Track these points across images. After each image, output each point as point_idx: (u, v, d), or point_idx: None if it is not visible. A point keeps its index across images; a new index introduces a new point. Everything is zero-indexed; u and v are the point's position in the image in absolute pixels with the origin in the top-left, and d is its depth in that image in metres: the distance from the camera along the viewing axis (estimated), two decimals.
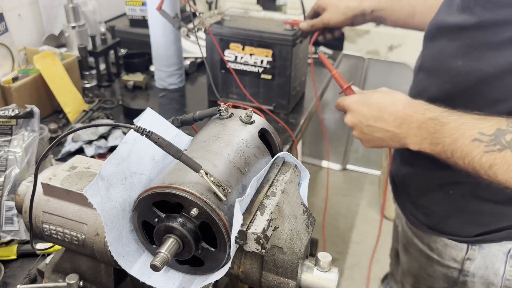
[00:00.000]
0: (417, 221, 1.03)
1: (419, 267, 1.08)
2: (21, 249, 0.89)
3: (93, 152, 1.19)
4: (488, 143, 0.70)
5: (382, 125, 0.84)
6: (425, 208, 1.00)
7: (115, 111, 1.42)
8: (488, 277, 0.96)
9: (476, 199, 0.91)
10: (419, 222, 1.02)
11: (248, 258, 0.61)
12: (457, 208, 0.94)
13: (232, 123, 0.68)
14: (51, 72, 1.32)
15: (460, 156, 0.74)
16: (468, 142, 0.72)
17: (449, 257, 0.99)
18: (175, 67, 1.52)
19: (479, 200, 0.90)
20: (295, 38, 1.28)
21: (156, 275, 0.62)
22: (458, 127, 0.74)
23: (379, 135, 0.85)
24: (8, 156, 0.93)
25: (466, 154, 0.73)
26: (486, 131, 0.71)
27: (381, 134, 0.85)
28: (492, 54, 0.79)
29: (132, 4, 1.79)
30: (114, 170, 0.58)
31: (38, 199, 0.66)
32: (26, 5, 1.57)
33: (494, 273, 0.95)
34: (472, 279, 0.98)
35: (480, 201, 0.90)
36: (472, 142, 0.72)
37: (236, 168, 0.61)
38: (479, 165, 0.72)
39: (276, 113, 1.38)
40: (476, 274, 0.97)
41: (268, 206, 0.58)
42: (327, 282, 0.60)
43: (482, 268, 0.95)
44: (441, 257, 1.01)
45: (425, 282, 1.08)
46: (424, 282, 1.08)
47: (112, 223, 0.58)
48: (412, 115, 0.80)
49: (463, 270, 0.98)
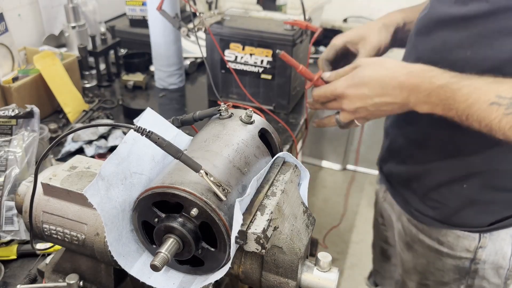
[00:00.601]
0: (425, 217, 1.02)
1: (426, 263, 1.07)
2: (21, 249, 0.89)
3: (93, 152, 1.19)
4: (508, 106, 0.71)
5: (388, 99, 0.82)
6: (435, 203, 0.99)
7: (115, 111, 1.42)
8: (497, 262, 0.98)
9: (490, 189, 0.92)
10: (427, 217, 1.01)
11: (248, 258, 0.61)
12: (470, 200, 0.94)
13: (232, 123, 0.68)
14: (51, 72, 1.32)
15: (476, 120, 0.74)
16: (486, 106, 0.72)
17: (462, 248, 0.99)
18: (175, 67, 1.52)
19: (493, 190, 0.91)
20: (295, 38, 1.28)
21: (156, 275, 0.62)
22: (472, 92, 0.74)
23: (387, 108, 0.84)
24: (8, 156, 0.93)
25: (484, 118, 0.73)
26: (505, 94, 0.71)
27: (389, 107, 0.83)
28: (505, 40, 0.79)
29: (132, 4, 1.79)
30: (114, 170, 0.58)
31: (38, 199, 0.66)
32: (26, 5, 1.57)
33: (503, 257, 0.97)
34: (483, 266, 0.99)
35: (493, 191, 0.92)
36: (490, 106, 0.72)
37: (236, 168, 0.61)
38: (498, 127, 0.72)
39: (276, 113, 1.38)
40: (487, 261, 0.98)
41: (268, 206, 0.58)
42: (327, 282, 0.60)
43: (492, 254, 0.97)
44: (452, 249, 1.00)
45: (433, 277, 1.07)
46: (432, 277, 1.08)
47: (112, 223, 0.58)
48: (419, 85, 0.78)
49: (475, 258, 0.99)
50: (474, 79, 0.75)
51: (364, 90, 0.83)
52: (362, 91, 0.83)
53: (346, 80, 0.85)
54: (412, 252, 1.11)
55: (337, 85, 0.86)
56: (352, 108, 0.86)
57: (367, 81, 0.83)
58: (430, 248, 1.04)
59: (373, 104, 0.83)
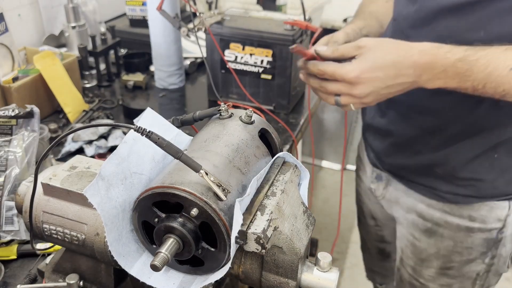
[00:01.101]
0: (456, 196, 1.01)
1: (453, 244, 1.07)
2: (21, 249, 0.89)
3: (93, 152, 1.19)
4: None
5: (401, 79, 0.80)
6: (466, 181, 0.99)
7: (115, 111, 1.42)
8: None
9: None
10: (460, 196, 1.01)
11: (248, 258, 0.61)
12: (501, 168, 0.96)
13: (232, 123, 0.68)
14: (51, 72, 1.32)
15: (493, 86, 0.77)
16: (506, 72, 0.75)
17: (494, 219, 1.01)
18: (175, 67, 1.52)
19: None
20: (295, 38, 1.28)
21: (156, 275, 0.62)
22: (490, 61, 0.76)
23: (398, 89, 0.82)
24: (8, 156, 0.93)
25: (502, 83, 0.76)
26: None
27: (400, 87, 0.82)
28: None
29: (132, 4, 1.79)
30: (114, 170, 0.58)
31: (38, 199, 0.66)
32: (26, 5, 1.57)
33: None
34: (506, 234, 1.02)
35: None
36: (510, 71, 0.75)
37: (236, 168, 0.61)
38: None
39: (276, 113, 1.38)
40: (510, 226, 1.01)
41: (268, 206, 0.58)
42: (327, 282, 0.60)
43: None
44: (485, 222, 1.01)
45: (460, 256, 1.08)
46: (459, 257, 1.08)
47: (112, 223, 0.58)
48: (434, 61, 0.78)
49: (504, 227, 1.01)
50: (488, 49, 0.77)
51: (379, 73, 0.80)
52: (376, 75, 0.80)
53: (360, 64, 0.81)
54: (435, 237, 1.09)
55: (348, 69, 0.81)
56: (363, 94, 0.82)
57: (381, 64, 0.80)
58: (459, 227, 1.04)
59: (385, 87, 0.81)
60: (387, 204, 1.21)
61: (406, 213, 1.15)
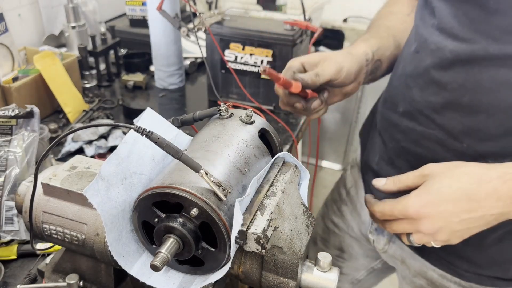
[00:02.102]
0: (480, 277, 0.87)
1: None
2: (21, 249, 0.89)
3: (93, 152, 1.19)
4: None
5: (481, 212, 0.66)
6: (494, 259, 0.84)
7: (115, 111, 1.42)
8: None
9: None
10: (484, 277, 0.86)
11: (248, 258, 0.61)
12: None
13: (232, 123, 0.68)
14: (51, 72, 1.32)
15: None
16: None
17: None
18: (175, 67, 1.52)
19: None
20: (295, 38, 1.28)
21: (156, 275, 0.62)
22: None
23: (480, 223, 0.68)
24: (8, 156, 0.93)
25: None
26: None
27: (481, 222, 0.67)
28: None
29: (132, 4, 1.79)
30: (114, 170, 0.58)
31: (38, 199, 0.66)
32: (26, 5, 1.57)
33: None
34: None
35: None
36: None
37: (236, 168, 0.61)
38: None
39: (276, 113, 1.38)
40: None
41: (268, 206, 0.58)
42: (327, 282, 0.60)
43: None
44: None
45: None
46: None
47: (112, 223, 0.58)
48: None
49: None
50: None
51: (447, 206, 0.67)
52: (443, 208, 0.67)
53: (420, 196, 0.69)
54: None
55: (408, 204, 0.70)
56: (432, 229, 0.69)
57: (447, 196, 0.67)
58: None
59: (460, 222, 0.68)
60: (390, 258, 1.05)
61: (413, 276, 0.99)
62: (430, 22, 0.79)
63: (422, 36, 0.81)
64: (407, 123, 0.85)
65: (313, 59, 0.89)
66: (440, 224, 0.68)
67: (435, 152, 0.80)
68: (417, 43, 0.83)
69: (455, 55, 0.73)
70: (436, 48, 0.77)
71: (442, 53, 0.75)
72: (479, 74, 0.71)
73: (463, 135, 0.75)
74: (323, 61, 0.88)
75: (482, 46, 0.70)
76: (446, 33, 0.75)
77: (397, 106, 0.88)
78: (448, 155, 0.73)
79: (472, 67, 0.72)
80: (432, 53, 0.77)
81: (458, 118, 0.75)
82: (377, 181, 0.78)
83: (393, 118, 0.90)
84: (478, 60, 0.71)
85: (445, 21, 0.76)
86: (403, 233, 0.75)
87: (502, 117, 0.71)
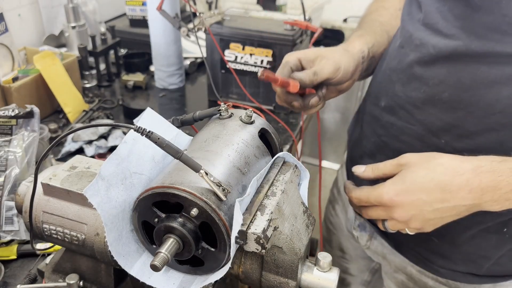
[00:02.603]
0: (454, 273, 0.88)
1: None
2: (21, 249, 0.89)
3: (93, 152, 1.19)
4: None
5: (453, 202, 0.67)
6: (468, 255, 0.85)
7: (115, 111, 1.42)
8: None
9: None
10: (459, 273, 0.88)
11: (248, 258, 0.61)
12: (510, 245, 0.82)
13: (232, 123, 0.68)
14: (51, 72, 1.32)
15: None
16: None
17: None
18: (175, 67, 1.52)
19: None
20: (295, 38, 1.28)
21: (156, 275, 0.62)
22: None
23: (452, 213, 0.69)
24: (8, 156, 0.93)
25: None
26: None
27: (453, 211, 0.69)
28: None
29: (132, 4, 1.79)
30: (114, 170, 0.58)
31: (38, 199, 0.66)
32: (26, 5, 1.57)
33: None
34: None
35: None
36: None
37: (236, 168, 0.61)
38: None
39: (276, 113, 1.38)
40: None
41: (268, 206, 0.58)
42: (327, 282, 0.60)
43: None
44: None
45: None
46: None
47: (112, 223, 0.58)
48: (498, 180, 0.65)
49: None
50: None
51: (421, 195, 0.68)
52: (417, 197, 0.68)
53: (395, 185, 0.71)
54: None
55: (383, 191, 0.71)
56: (405, 217, 0.71)
57: (422, 185, 0.68)
58: None
59: (433, 211, 0.69)
60: (373, 254, 1.07)
61: (394, 272, 1.02)
62: (417, 17, 0.80)
63: (408, 31, 0.82)
64: (388, 118, 0.86)
65: (310, 55, 0.88)
66: (412, 212, 0.70)
67: (414, 148, 0.80)
68: (402, 38, 0.84)
69: (438, 50, 0.74)
70: (420, 44, 0.78)
71: (425, 49, 0.76)
72: (460, 71, 0.73)
73: (442, 131, 0.77)
74: (321, 59, 0.88)
75: (464, 43, 0.71)
76: (431, 28, 0.76)
77: (380, 100, 0.89)
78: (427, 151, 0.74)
79: (454, 64, 0.73)
80: (416, 48, 0.78)
81: (437, 114, 0.77)
82: (357, 168, 0.79)
83: (375, 113, 0.91)
84: (460, 56, 0.72)
85: (430, 17, 0.77)
86: (379, 220, 0.76)
87: (480, 115, 0.72)
